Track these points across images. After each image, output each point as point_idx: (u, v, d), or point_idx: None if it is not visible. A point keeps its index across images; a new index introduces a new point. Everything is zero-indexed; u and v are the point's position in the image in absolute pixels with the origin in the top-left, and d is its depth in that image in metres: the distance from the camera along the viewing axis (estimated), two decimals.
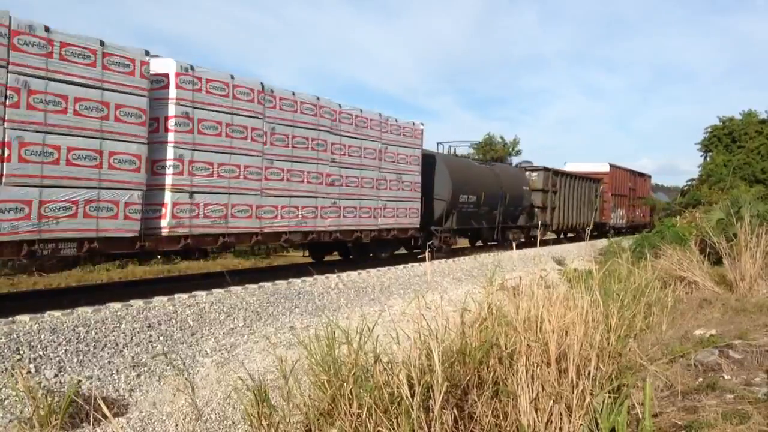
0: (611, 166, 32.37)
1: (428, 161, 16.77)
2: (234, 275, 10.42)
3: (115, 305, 7.88)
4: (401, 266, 13.97)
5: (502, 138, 45.61)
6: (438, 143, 20.94)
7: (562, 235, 28.19)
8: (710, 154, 38.72)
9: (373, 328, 4.07)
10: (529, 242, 22.19)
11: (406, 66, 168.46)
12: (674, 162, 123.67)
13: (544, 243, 24.14)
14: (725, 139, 37.71)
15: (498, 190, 19.78)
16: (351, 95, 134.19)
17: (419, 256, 15.97)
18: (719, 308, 8.57)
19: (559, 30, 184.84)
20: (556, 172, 25.66)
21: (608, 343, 4.18)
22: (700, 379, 5.06)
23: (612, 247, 15.72)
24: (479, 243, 21.68)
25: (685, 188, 40.79)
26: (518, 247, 19.13)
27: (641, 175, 38.51)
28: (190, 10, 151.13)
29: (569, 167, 31.68)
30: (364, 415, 3.44)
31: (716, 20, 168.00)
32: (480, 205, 18.72)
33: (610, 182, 31.65)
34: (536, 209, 23.57)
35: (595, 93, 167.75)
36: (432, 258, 12.51)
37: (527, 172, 24.01)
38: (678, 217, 21.14)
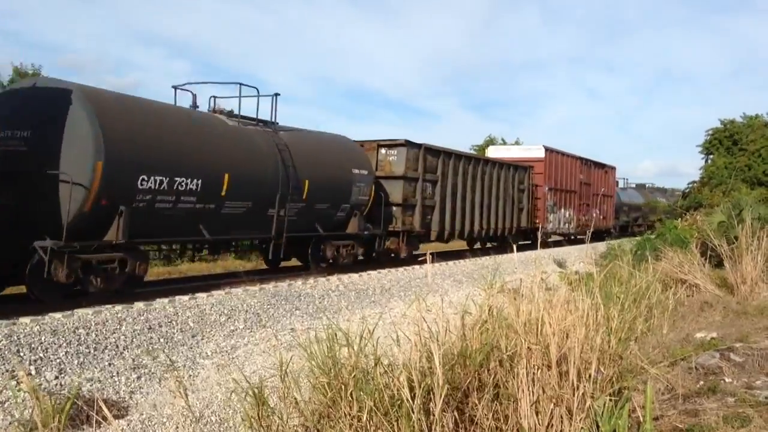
0: (548, 150, 23.59)
1: (38, 98, 8.52)
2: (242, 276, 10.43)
3: (116, 307, 7.89)
4: (401, 268, 13.97)
5: (503, 140, 45.82)
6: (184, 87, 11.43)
7: (477, 245, 20.26)
8: (711, 156, 38.81)
9: (373, 330, 4.07)
10: (393, 261, 15.04)
11: (407, 68, 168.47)
12: (676, 165, 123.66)
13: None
14: (726, 142, 37.78)
15: (276, 170, 11.24)
16: (352, 96, 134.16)
17: (420, 258, 15.66)
18: (720, 311, 8.57)
19: (561, 32, 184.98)
20: (437, 151, 16.36)
21: (609, 346, 4.17)
22: (701, 382, 5.06)
23: (613, 250, 15.76)
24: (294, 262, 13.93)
25: (687, 191, 40.85)
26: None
27: (600, 165, 29.00)
28: (190, 12, 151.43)
29: (491, 152, 24.82)
30: (364, 418, 3.43)
31: (717, 21, 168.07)
32: (221, 199, 10.14)
33: (547, 172, 23.20)
34: (393, 207, 15.12)
35: (596, 95, 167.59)
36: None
37: (382, 149, 15.23)
38: (679, 219, 21.17)
